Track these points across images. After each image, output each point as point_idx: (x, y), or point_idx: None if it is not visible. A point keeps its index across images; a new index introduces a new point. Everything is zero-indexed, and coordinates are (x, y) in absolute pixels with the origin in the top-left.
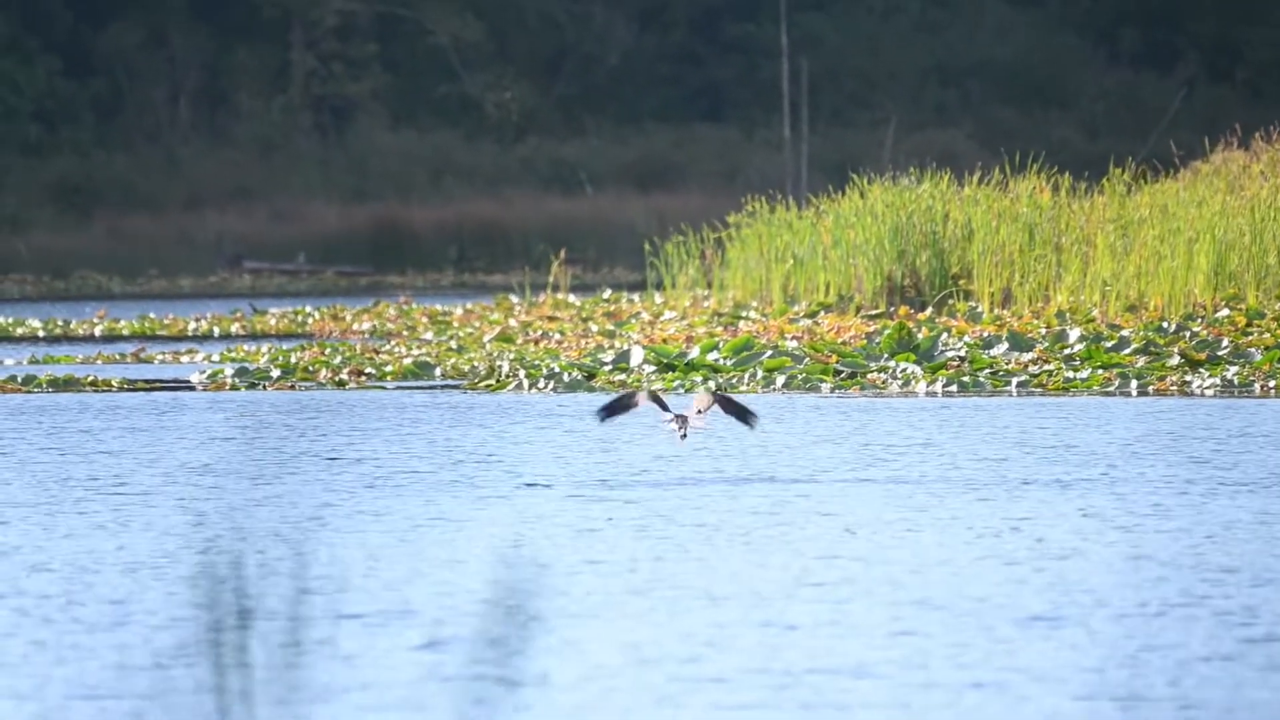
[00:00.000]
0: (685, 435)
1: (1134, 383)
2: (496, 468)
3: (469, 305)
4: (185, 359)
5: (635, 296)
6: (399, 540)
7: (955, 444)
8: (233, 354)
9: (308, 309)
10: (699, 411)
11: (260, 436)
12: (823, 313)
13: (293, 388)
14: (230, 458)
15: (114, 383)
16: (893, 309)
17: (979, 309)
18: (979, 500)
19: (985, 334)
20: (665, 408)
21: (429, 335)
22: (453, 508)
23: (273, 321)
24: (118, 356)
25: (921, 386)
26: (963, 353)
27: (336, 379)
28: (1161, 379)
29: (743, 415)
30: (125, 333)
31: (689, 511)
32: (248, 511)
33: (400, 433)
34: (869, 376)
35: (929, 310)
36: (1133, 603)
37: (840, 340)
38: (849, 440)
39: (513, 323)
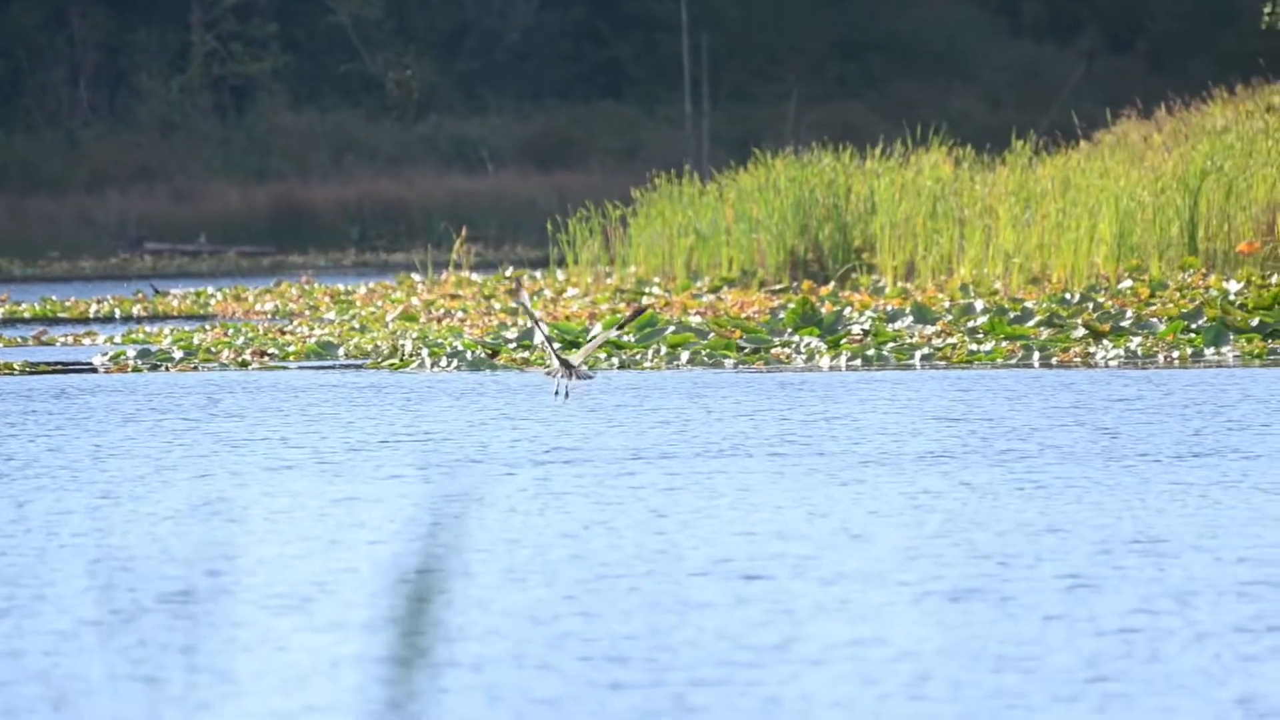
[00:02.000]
0: (566, 395)
1: (1037, 354)
2: (400, 447)
3: (371, 284)
4: (87, 341)
5: (538, 274)
6: (300, 521)
7: (864, 418)
8: (135, 336)
9: (210, 290)
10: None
11: (163, 419)
12: (726, 288)
13: (195, 369)
14: (137, 440)
15: (15, 366)
16: (796, 283)
17: (882, 282)
18: (889, 474)
19: (889, 307)
20: (548, 338)
21: (331, 315)
22: (357, 489)
23: (175, 303)
24: (19, 340)
25: (825, 361)
26: (867, 326)
27: (239, 360)
28: (1065, 350)
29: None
30: (26, 315)
31: (596, 488)
32: (153, 497)
33: (305, 414)
34: (773, 351)
35: (832, 284)
36: (1046, 574)
37: (744, 315)
38: (757, 416)
39: (415, 301)
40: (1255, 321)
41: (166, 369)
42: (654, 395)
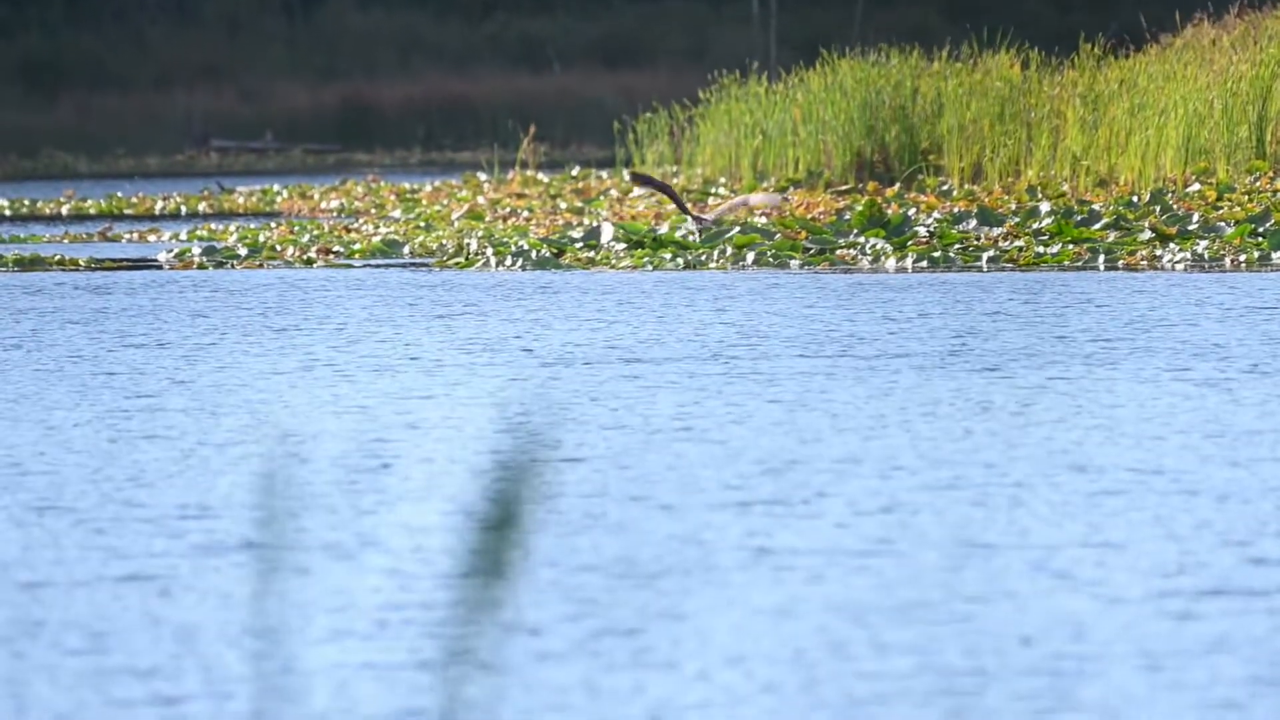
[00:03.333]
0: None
1: (1103, 257)
2: (475, 348)
3: (437, 183)
4: (152, 238)
5: (604, 174)
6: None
7: (932, 320)
8: (200, 233)
9: (275, 188)
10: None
11: (241, 312)
12: (792, 189)
13: (260, 266)
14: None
15: (80, 261)
16: (862, 185)
17: (949, 185)
18: (953, 374)
19: (955, 209)
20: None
21: (397, 213)
22: (442, 386)
23: (240, 200)
24: (84, 236)
25: (891, 262)
26: (933, 228)
27: (304, 258)
28: (1132, 254)
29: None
30: (92, 212)
31: (670, 389)
32: (208, 388)
33: (370, 314)
34: (838, 253)
35: (898, 186)
36: (1125, 474)
37: (810, 216)
38: (827, 316)
39: (481, 200)
40: None
41: (232, 266)
42: (723, 296)
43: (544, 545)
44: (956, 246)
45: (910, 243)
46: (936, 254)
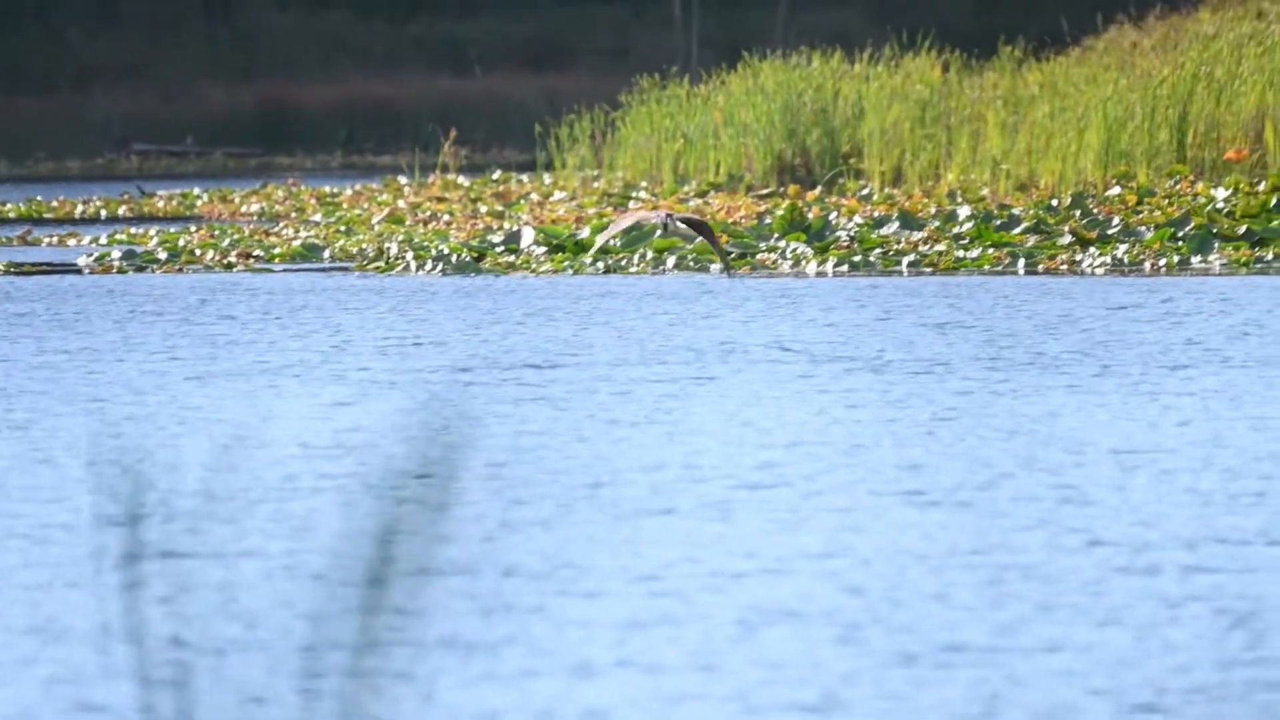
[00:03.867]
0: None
1: (1023, 261)
2: (385, 353)
3: (358, 187)
4: (72, 242)
5: (525, 177)
6: (289, 427)
7: (851, 324)
8: (120, 237)
9: (196, 191)
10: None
11: (158, 318)
12: (713, 192)
13: (180, 270)
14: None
15: None
16: (783, 188)
17: (870, 188)
18: (879, 380)
19: (876, 213)
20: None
21: (317, 217)
22: (344, 393)
23: (160, 204)
24: (3, 240)
25: (812, 266)
26: (853, 232)
27: (225, 262)
28: (1052, 257)
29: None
30: (12, 216)
31: (592, 393)
32: (133, 400)
33: (294, 318)
34: (759, 256)
35: (819, 190)
36: (1036, 482)
37: (731, 220)
38: (748, 321)
39: (402, 204)
40: (1242, 229)
41: (153, 270)
42: (647, 300)
43: (446, 552)
44: (877, 251)
45: (831, 247)
46: (857, 258)
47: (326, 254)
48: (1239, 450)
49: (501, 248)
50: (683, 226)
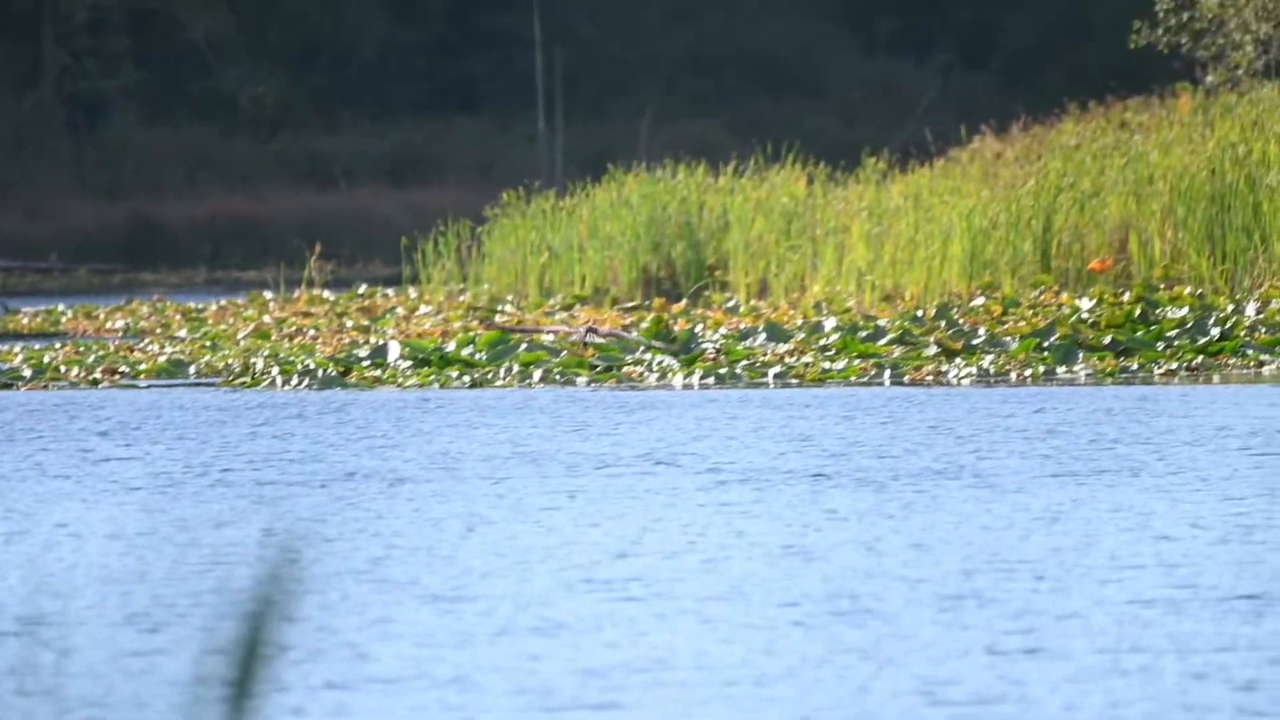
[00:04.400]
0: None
1: (889, 373)
2: (242, 468)
3: (223, 302)
4: None
5: (390, 291)
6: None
7: (719, 437)
8: None
9: (60, 307)
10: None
11: (11, 440)
12: (579, 305)
13: (45, 387)
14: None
15: None
16: (648, 301)
17: (735, 300)
18: (749, 491)
19: (742, 325)
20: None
21: (183, 333)
22: (191, 510)
23: (25, 320)
24: None
25: (678, 379)
26: (719, 345)
27: (90, 378)
28: (918, 369)
29: None
30: None
31: (440, 504)
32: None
33: (151, 435)
34: (625, 369)
35: (685, 302)
36: (913, 592)
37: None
38: (615, 433)
39: (267, 319)
40: (1107, 339)
41: (17, 387)
42: (510, 413)
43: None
44: (743, 363)
45: (697, 359)
46: (723, 370)
47: (192, 369)
48: (1111, 556)
49: (368, 362)
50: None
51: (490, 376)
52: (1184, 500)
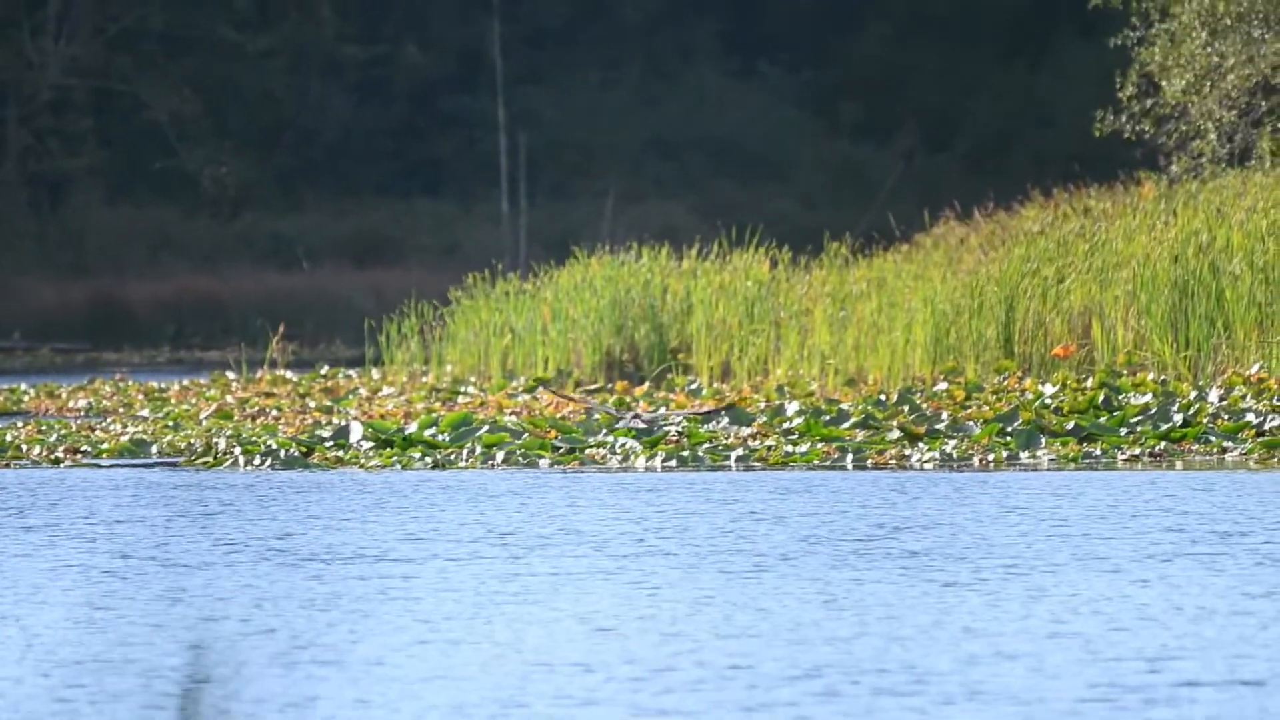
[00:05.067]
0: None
1: (851, 456)
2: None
3: (185, 382)
4: None
5: (353, 373)
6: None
7: (683, 519)
8: None
9: (23, 387)
10: None
11: None
12: (542, 388)
13: (7, 465)
14: None
15: None
16: (611, 384)
17: (698, 383)
18: (714, 575)
19: (705, 409)
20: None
21: (145, 412)
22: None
23: None
24: None
25: (641, 461)
26: (681, 428)
27: (52, 457)
28: (881, 453)
29: None
30: None
31: (395, 582)
32: None
33: (95, 516)
34: (588, 451)
35: (648, 385)
36: (886, 678)
37: (559, 415)
38: (578, 515)
39: (230, 399)
40: (1070, 425)
41: None
42: (462, 494)
43: None
44: (706, 446)
45: (660, 442)
46: (686, 453)
47: (154, 449)
48: (1087, 644)
49: (330, 443)
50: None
51: (453, 458)
52: (1155, 586)
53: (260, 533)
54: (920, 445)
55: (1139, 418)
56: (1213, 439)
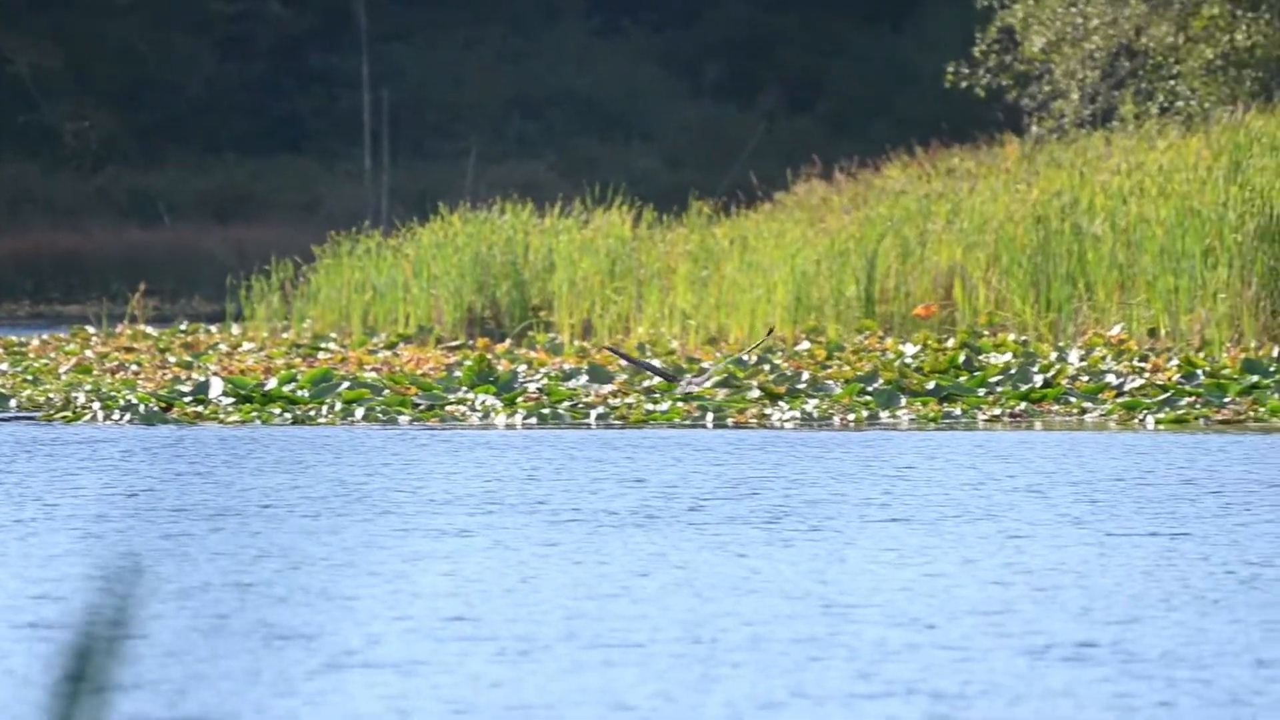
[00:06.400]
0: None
1: (711, 415)
2: (64, 504)
3: (45, 336)
4: None
5: (214, 328)
6: None
7: (541, 477)
8: None
9: None
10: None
11: None
12: (403, 344)
13: None
14: None
15: None
16: (473, 341)
17: (560, 340)
18: (568, 532)
19: (565, 366)
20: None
21: (4, 366)
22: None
23: None
24: None
25: (501, 419)
26: (542, 385)
27: None
28: (741, 412)
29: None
30: None
31: (245, 539)
32: None
33: None
34: (448, 409)
35: (509, 342)
36: (730, 634)
37: (419, 372)
38: (443, 474)
39: (89, 354)
40: (931, 385)
41: None
42: (322, 451)
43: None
44: (566, 404)
45: (519, 399)
46: (546, 410)
47: (13, 403)
48: (931, 601)
49: (190, 398)
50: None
51: (312, 414)
52: (1009, 546)
53: (121, 488)
54: (781, 405)
55: (999, 378)
56: (1073, 400)
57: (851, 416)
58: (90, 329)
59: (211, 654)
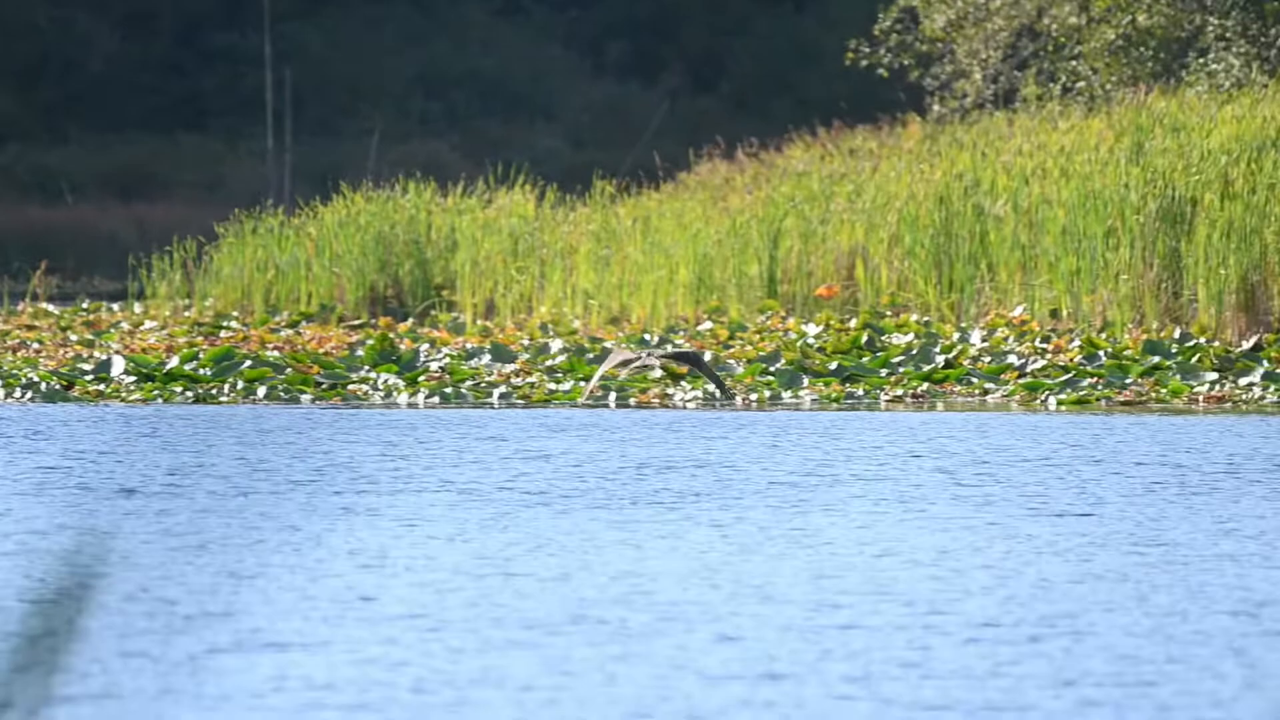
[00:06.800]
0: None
1: (614, 395)
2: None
3: None
4: None
5: (116, 306)
6: None
7: (441, 456)
8: None
9: None
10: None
11: None
12: (305, 323)
13: None
14: None
15: None
16: (375, 320)
17: (462, 320)
18: (474, 511)
19: (468, 345)
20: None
21: None
22: None
23: None
24: None
25: (403, 398)
26: (444, 364)
27: None
28: (644, 391)
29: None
30: None
31: (149, 520)
32: None
33: None
34: (350, 387)
35: (411, 321)
36: (628, 610)
37: (322, 351)
38: (341, 453)
39: None
40: (833, 365)
41: None
42: (224, 430)
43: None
44: (468, 383)
45: (422, 378)
46: (448, 390)
47: None
48: (836, 581)
49: (91, 376)
50: (671, 364)
51: (214, 392)
52: (912, 525)
53: (23, 467)
54: (683, 384)
55: (901, 359)
56: (975, 380)
57: (754, 396)
58: None
59: (116, 633)
